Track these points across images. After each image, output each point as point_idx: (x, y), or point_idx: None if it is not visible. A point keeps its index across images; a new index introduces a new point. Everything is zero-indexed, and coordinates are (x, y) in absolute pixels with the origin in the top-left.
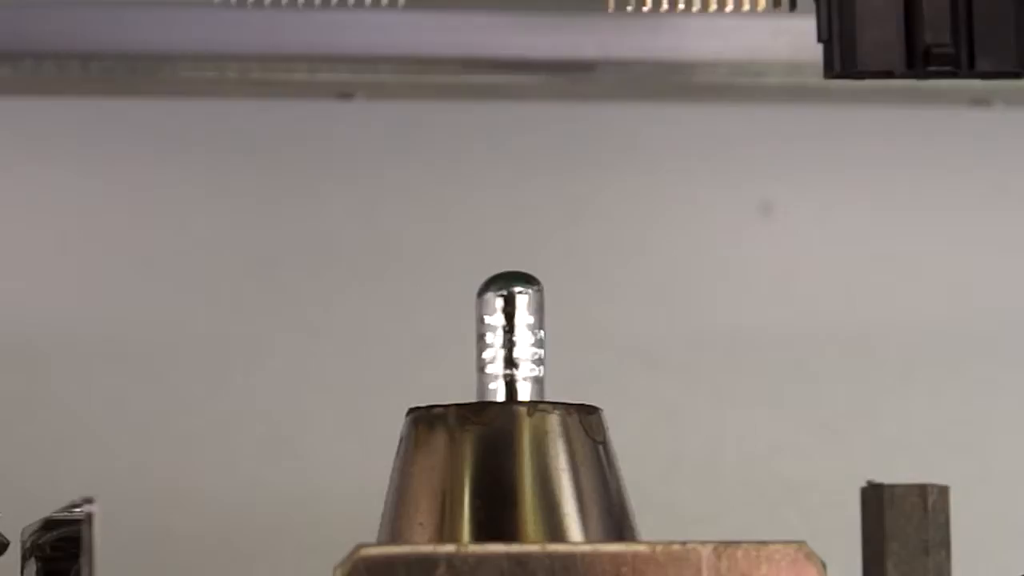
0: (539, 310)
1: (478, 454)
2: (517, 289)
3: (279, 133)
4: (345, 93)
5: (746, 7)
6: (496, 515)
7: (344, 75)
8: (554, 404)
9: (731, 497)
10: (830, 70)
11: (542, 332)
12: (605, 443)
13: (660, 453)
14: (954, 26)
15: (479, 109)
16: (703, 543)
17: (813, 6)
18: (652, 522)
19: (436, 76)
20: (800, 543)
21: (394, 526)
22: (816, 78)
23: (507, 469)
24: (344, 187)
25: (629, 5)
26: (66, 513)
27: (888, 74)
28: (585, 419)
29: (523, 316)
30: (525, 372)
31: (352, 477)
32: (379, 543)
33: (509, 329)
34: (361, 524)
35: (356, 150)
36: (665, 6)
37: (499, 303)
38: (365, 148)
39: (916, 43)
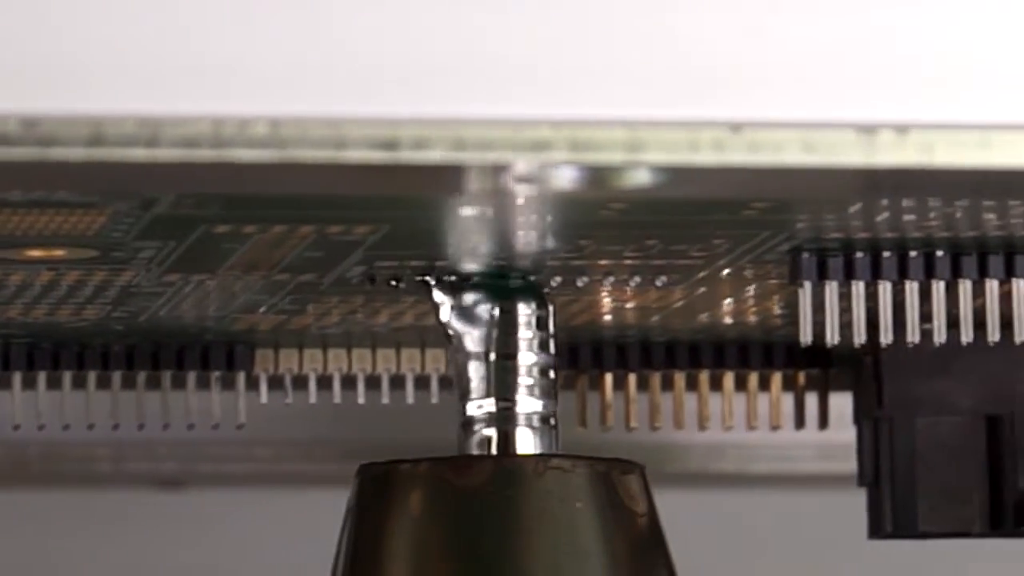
0: (546, 323)
1: (461, 532)
2: (516, 294)
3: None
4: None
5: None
6: None
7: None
8: (574, 458)
9: None
10: (877, 531)
11: (552, 355)
12: (650, 515)
13: (730, 526)
14: None
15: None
16: None
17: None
18: None
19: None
20: None
21: None
22: None
23: (504, 554)
24: None
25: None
26: None
27: (962, 534)
28: (620, 480)
29: (524, 330)
30: (528, 408)
31: None
32: None
33: (505, 348)
34: None
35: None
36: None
37: (490, 312)
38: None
39: (1004, 491)
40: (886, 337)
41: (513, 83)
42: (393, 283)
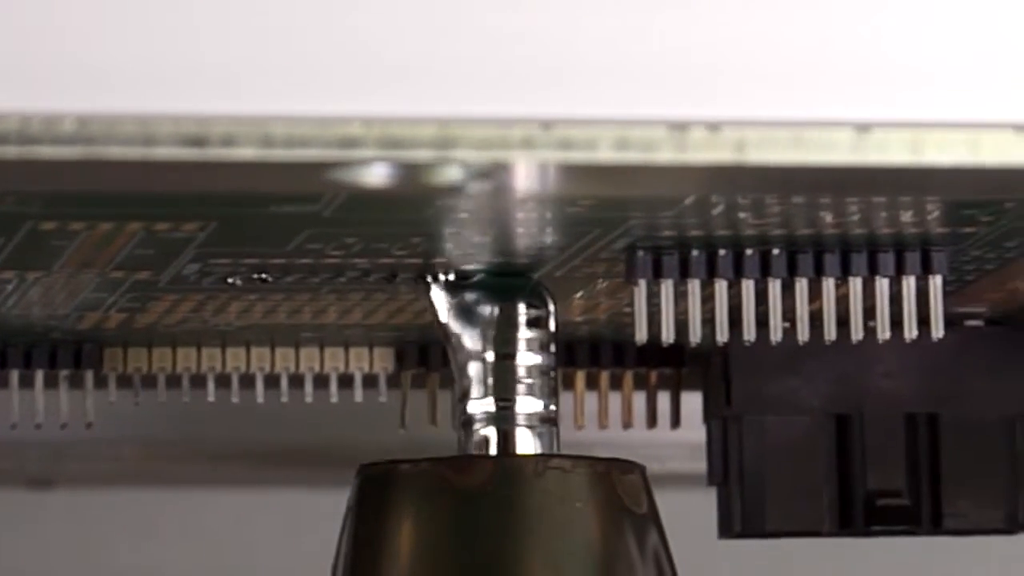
0: (546, 323)
1: (462, 532)
2: (516, 293)
3: None
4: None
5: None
6: None
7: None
8: (574, 458)
9: None
10: (727, 530)
11: (553, 355)
12: (650, 516)
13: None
14: (911, 467)
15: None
16: None
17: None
18: None
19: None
20: None
21: None
22: None
23: (504, 554)
24: None
25: None
26: None
27: (812, 533)
28: (621, 480)
29: (525, 330)
30: (529, 408)
31: None
32: None
33: (504, 347)
34: None
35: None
36: None
37: (489, 311)
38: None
39: (853, 491)
40: (722, 336)
41: (323, 80)
42: (229, 281)
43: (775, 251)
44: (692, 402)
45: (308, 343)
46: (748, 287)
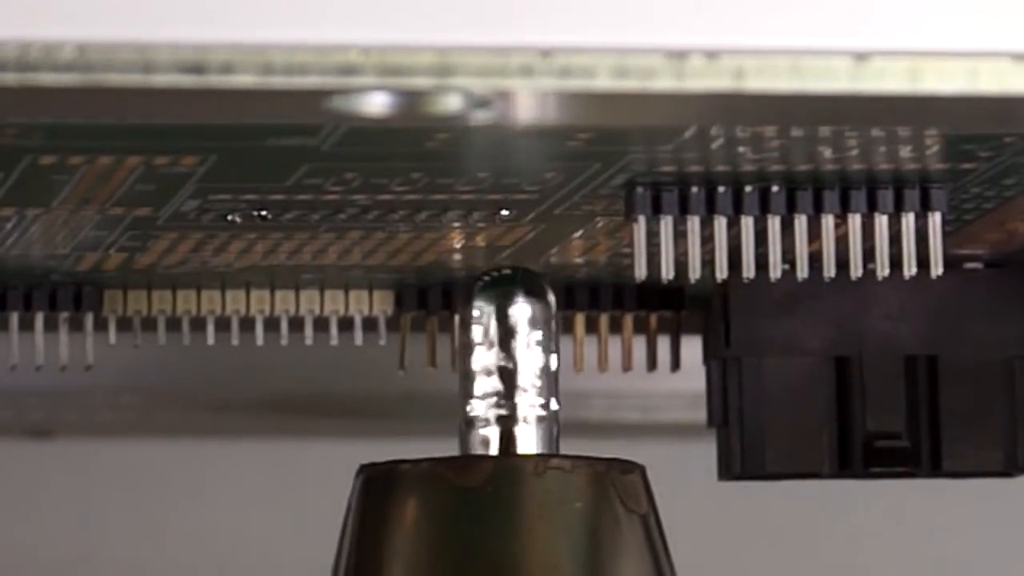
0: (549, 322)
1: (461, 532)
2: (518, 293)
3: None
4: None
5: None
6: None
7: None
8: (574, 458)
9: None
10: (726, 471)
11: (554, 354)
12: (650, 516)
13: (734, 525)
14: (910, 409)
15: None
16: None
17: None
18: None
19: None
20: None
21: None
22: None
23: (504, 554)
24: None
25: None
26: None
27: (811, 475)
28: (620, 480)
29: (527, 329)
30: (530, 410)
31: None
32: None
33: (506, 348)
34: None
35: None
36: None
37: (491, 312)
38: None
39: (853, 432)
40: (721, 274)
41: (323, 7)
42: (228, 218)
43: (774, 188)
44: (691, 352)
45: (308, 285)
46: (747, 224)
